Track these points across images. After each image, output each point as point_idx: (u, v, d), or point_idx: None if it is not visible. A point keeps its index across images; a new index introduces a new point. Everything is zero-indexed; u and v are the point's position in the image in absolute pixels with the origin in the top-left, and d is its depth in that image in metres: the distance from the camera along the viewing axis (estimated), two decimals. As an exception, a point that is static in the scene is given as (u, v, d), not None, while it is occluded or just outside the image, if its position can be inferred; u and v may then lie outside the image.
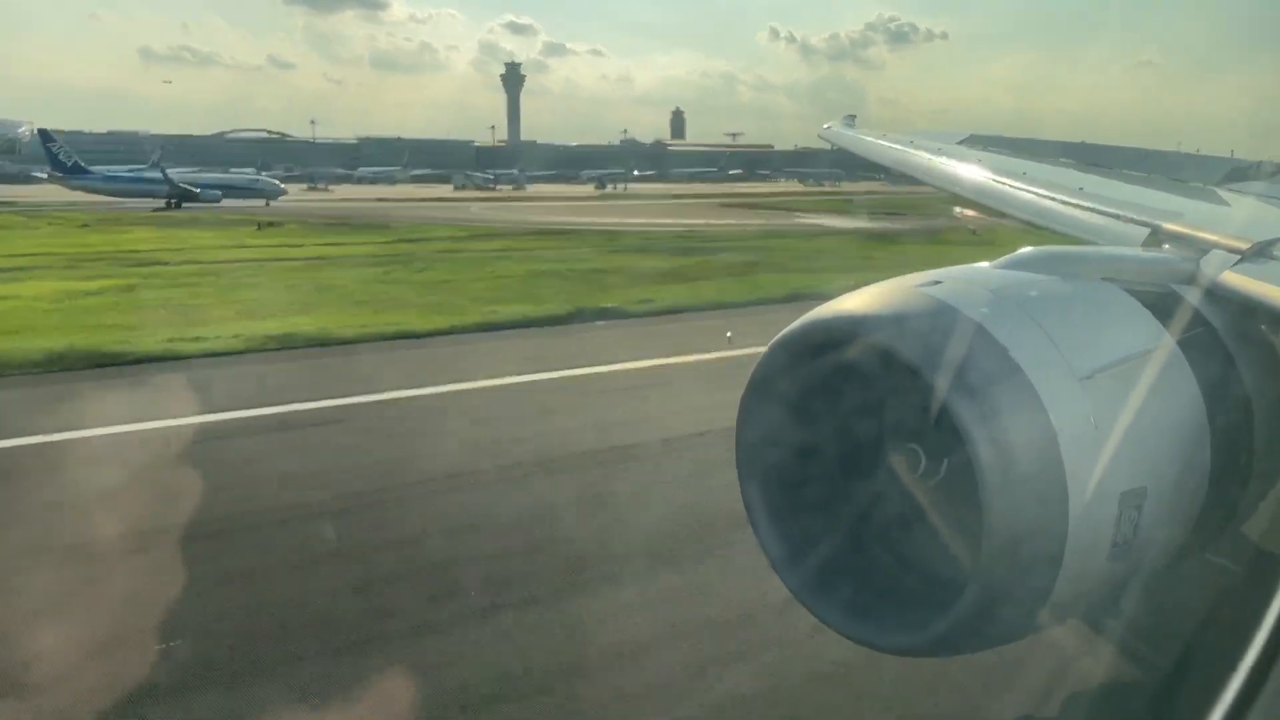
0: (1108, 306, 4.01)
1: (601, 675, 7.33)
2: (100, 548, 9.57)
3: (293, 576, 9.03)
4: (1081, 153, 8.94)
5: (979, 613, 3.56)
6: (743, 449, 4.28)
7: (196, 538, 9.59)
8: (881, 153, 11.85)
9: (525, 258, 40.58)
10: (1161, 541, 3.79)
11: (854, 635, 4.15)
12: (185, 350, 19.28)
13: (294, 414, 14.69)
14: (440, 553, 9.65)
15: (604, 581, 8.85)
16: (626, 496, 11.27)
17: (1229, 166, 7.68)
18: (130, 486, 11.26)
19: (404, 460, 12.57)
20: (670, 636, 7.87)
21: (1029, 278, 4.03)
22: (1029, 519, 3.41)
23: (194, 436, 13.27)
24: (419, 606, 8.35)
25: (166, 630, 7.76)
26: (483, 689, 7.05)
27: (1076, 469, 3.41)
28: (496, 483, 11.76)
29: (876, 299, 3.88)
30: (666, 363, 18.54)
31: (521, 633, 7.92)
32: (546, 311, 24.27)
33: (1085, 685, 6.62)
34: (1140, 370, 3.72)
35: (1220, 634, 4.35)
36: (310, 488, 11.43)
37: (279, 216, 68.29)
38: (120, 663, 7.36)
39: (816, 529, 4.27)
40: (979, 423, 3.39)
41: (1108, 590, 3.84)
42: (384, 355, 19.57)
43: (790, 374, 4.10)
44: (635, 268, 35.52)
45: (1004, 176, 8.20)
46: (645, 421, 14.51)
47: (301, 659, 7.45)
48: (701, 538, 9.71)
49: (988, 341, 3.55)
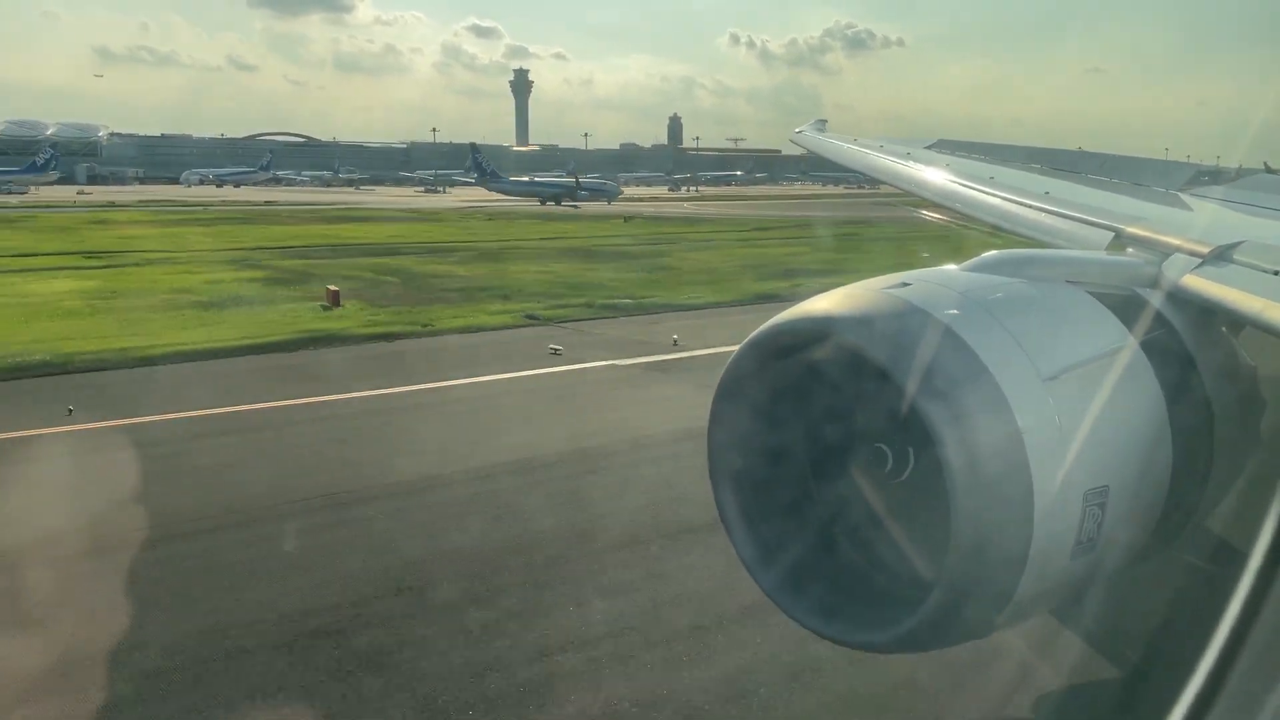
0: (1072, 309, 4.06)
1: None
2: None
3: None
4: (1047, 158, 9.04)
5: (946, 610, 3.59)
6: (714, 451, 4.28)
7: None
8: (851, 157, 11.92)
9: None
10: (1124, 539, 3.85)
11: (824, 633, 4.17)
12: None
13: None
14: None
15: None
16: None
17: (1191, 172, 7.79)
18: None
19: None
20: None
21: (995, 280, 4.07)
22: (995, 518, 3.44)
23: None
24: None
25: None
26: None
27: (1041, 469, 3.45)
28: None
29: (845, 301, 3.90)
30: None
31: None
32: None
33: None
34: (1104, 371, 3.77)
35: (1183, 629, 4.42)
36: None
37: (620, 213, 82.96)
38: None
39: (788, 530, 4.29)
40: (948, 424, 3.42)
41: (1072, 587, 3.88)
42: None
43: (760, 376, 4.11)
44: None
45: (971, 181, 8.27)
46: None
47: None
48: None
49: (956, 343, 3.58)
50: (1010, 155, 9.28)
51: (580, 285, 31.69)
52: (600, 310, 26.60)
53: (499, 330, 23.85)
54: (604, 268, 37.39)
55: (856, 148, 11.97)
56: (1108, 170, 8.19)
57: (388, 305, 27.15)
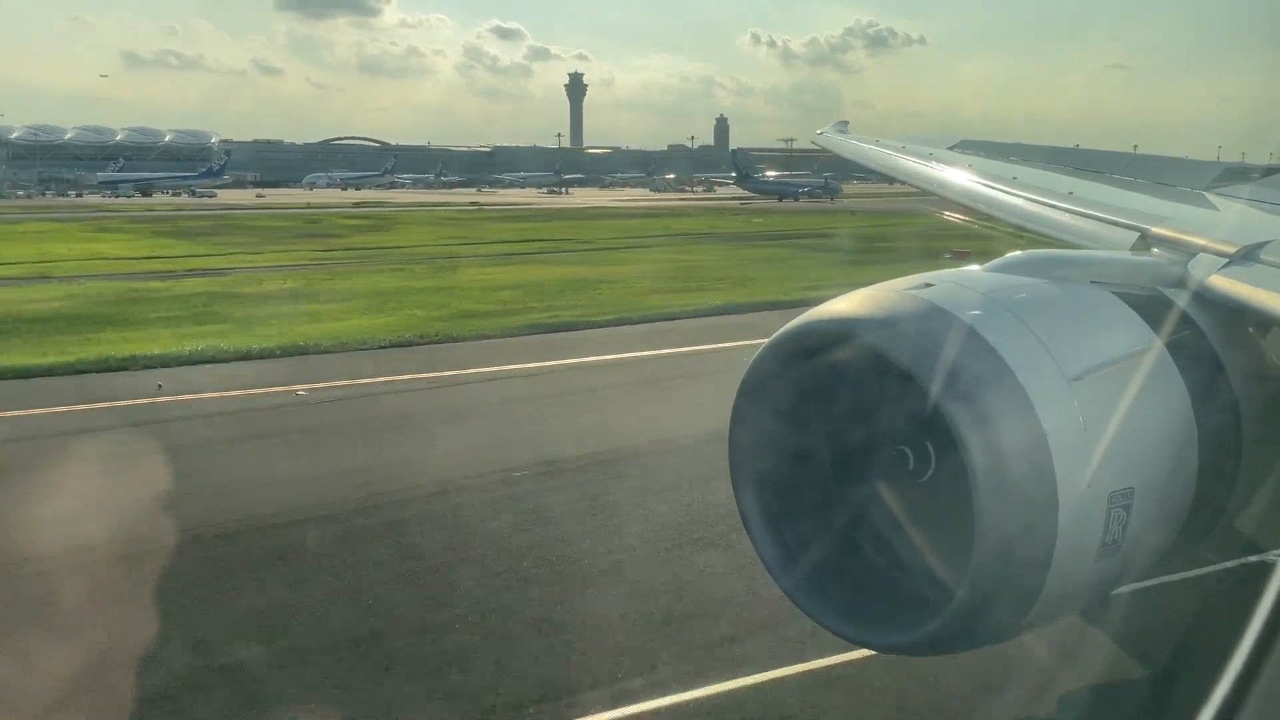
0: (1097, 309, 4.03)
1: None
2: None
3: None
4: (1071, 157, 8.98)
5: (970, 613, 3.57)
6: (736, 452, 4.29)
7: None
8: (873, 157, 11.89)
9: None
10: (1150, 541, 3.82)
11: (847, 635, 4.17)
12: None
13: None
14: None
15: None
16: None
17: (1217, 171, 7.71)
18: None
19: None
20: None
21: (1019, 281, 4.05)
22: (1019, 520, 3.42)
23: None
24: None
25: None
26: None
27: (1066, 470, 3.43)
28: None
29: (868, 302, 3.89)
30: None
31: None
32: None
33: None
34: (1129, 372, 3.74)
35: (1211, 631, 4.38)
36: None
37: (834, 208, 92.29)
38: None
39: (810, 531, 4.28)
40: (971, 426, 3.40)
41: (1097, 590, 3.86)
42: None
43: (782, 377, 4.11)
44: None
45: (994, 181, 8.23)
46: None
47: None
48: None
49: (979, 344, 3.57)
50: (1033, 155, 9.23)
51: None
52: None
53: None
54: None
55: (879, 148, 11.94)
56: (1132, 170, 8.12)
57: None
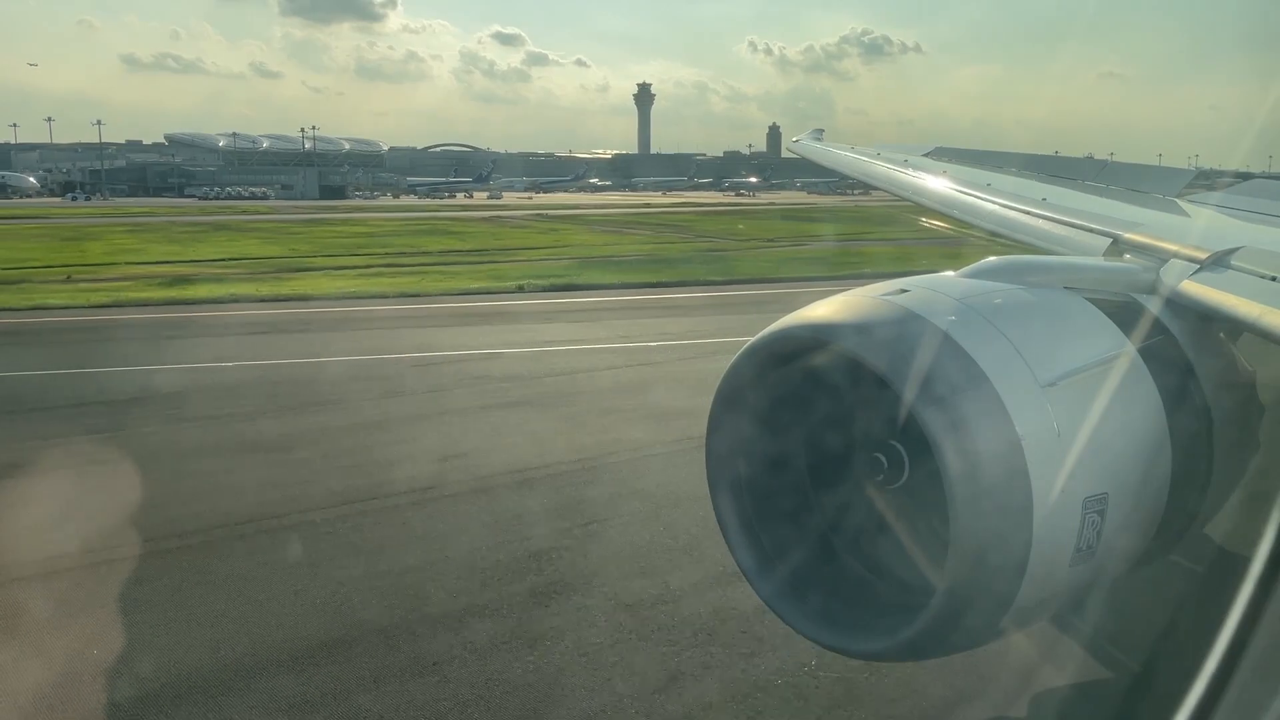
0: (1070, 315, 4.05)
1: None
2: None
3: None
4: (1045, 165, 9.05)
5: (946, 618, 3.57)
6: (712, 459, 4.27)
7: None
8: (849, 165, 11.94)
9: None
10: (1124, 546, 3.83)
11: (824, 642, 4.16)
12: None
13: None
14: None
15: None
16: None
17: (1188, 178, 7.81)
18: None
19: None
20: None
21: (993, 286, 4.06)
22: (995, 526, 3.43)
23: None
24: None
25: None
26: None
27: (1041, 476, 3.44)
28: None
29: (843, 308, 3.89)
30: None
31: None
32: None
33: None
34: (1102, 377, 3.76)
35: (1184, 635, 4.40)
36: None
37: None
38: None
39: (787, 538, 4.27)
40: (947, 432, 3.40)
41: (1071, 595, 3.87)
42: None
43: (758, 384, 4.10)
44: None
45: (969, 188, 8.28)
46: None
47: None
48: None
49: (954, 350, 3.57)
50: (1007, 162, 9.30)
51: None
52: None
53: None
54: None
55: (854, 155, 11.99)
56: (1105, 176, 8.20)
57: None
